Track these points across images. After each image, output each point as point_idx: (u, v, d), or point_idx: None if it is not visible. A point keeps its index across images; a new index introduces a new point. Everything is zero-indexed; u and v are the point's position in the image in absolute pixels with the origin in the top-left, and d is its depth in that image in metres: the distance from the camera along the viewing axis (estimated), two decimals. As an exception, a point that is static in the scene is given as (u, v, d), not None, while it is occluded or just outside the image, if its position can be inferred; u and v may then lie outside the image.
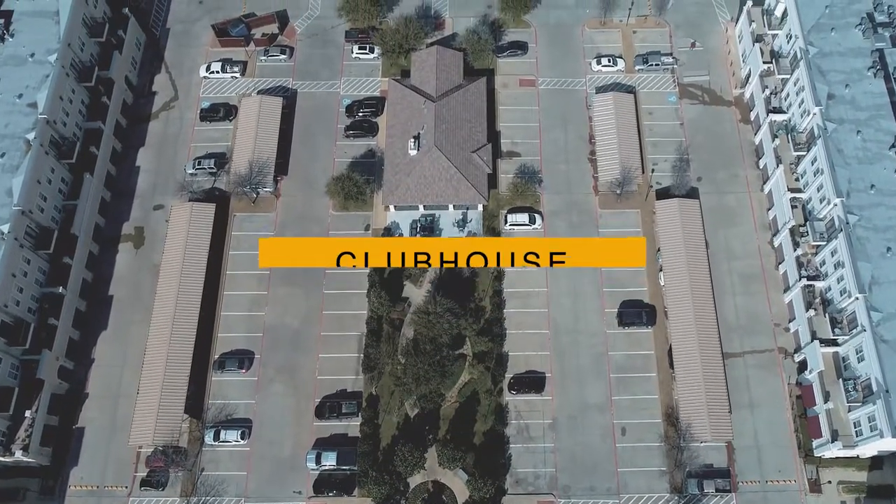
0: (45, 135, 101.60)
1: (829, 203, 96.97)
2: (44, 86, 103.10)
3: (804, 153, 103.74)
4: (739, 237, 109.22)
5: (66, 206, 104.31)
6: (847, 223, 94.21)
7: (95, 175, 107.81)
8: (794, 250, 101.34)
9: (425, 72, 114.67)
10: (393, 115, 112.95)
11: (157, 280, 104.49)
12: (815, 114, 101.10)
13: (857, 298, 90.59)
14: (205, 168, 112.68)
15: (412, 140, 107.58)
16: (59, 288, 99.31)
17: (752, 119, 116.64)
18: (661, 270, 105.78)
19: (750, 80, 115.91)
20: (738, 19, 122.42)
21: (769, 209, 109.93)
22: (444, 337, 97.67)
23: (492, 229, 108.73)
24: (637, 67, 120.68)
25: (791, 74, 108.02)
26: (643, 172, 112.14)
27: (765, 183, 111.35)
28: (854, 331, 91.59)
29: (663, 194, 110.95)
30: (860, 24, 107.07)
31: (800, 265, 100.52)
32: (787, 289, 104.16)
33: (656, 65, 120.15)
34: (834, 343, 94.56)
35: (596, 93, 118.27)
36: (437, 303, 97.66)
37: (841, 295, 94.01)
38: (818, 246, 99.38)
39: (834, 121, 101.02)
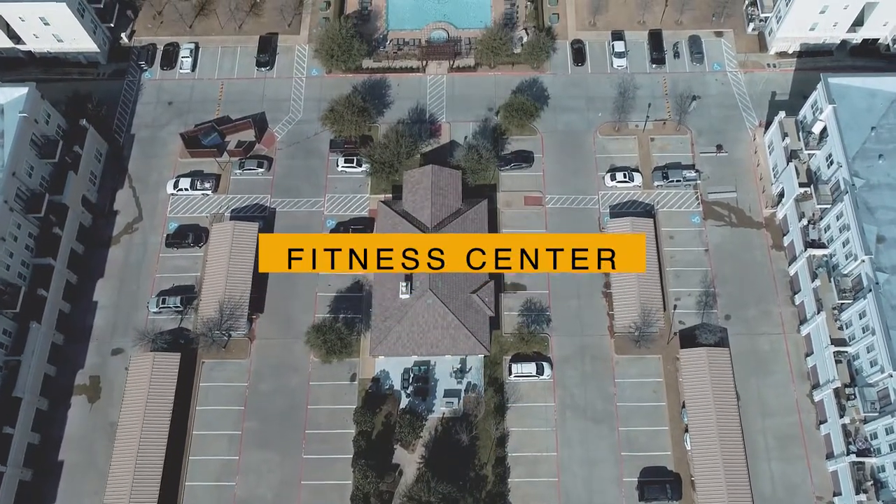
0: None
1: (881, 371, 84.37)
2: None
3: (850, 301, 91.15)
4: (774, 388, 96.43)
5: (7, 363, 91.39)
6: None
7: (44, 321, 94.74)
8: (840, 416, 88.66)
9: (419, 195, 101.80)
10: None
11: (113, 443, 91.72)
12: (863, 260, 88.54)
13: (919, 494, 78.19)
14: (170, 307, 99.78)
15: (404, 282, 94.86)
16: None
17: (785, 245, 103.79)
18: (686, 432, 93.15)
19: (783, 201, 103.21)
20: (767, 126, 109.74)
21: (808, 356, 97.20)
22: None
23: (494, 380, 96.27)
24: (656, 184, 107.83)
25: (832, 205, 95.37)
26: (664, 310, 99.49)
27: (801, 324, 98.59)
28: (915, 529, 79.19)
29: (688, 337, 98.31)
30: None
31: (847, 435, 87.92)
32: (830, 455, 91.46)
33: (678, 181, 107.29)
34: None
35: (610, 215, 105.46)
36: (431, 490, 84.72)
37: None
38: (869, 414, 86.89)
39: (885, 270, 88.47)
